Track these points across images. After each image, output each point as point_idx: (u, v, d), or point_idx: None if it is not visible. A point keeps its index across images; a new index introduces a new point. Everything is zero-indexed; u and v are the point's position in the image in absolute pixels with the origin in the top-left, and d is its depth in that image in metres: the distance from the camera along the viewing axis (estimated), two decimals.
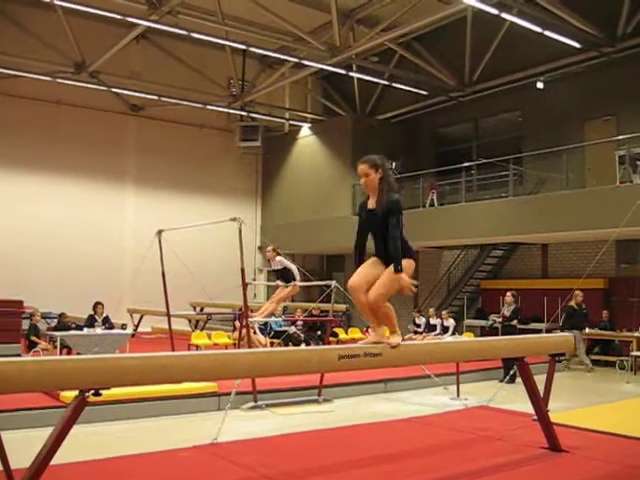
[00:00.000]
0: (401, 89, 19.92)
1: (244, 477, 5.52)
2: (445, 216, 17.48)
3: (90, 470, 5.60)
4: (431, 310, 16.05)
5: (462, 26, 18.38)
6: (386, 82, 19.92)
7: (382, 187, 5.13)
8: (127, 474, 5.55)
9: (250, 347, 9.35)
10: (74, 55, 17.94)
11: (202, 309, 19.58)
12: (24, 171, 19.36)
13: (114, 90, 19.77)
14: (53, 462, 3.82)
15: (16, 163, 19.18)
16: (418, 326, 16.10)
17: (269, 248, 10.87)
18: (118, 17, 15.47)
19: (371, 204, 5.22)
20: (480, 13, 15.91)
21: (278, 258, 10.73)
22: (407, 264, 5.05)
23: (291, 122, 23.20)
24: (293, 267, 10.85)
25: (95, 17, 16.50)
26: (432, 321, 15.63)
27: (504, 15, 14.64)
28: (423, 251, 20.25)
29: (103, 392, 3.92)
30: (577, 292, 13.84)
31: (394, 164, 19.63)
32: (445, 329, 15.06)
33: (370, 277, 5.09)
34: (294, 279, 10.76)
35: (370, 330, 5.11)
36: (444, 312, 15.66)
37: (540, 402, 6.34)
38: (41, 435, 3.78)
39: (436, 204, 18.24)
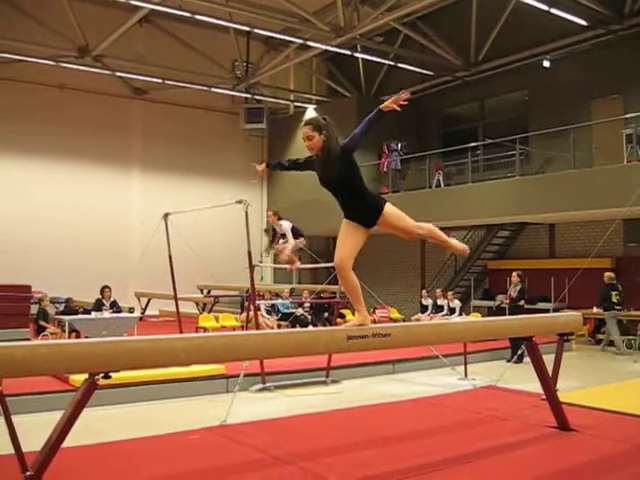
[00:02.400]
0: (406, 69, 19.81)
1: (254, 458, 5.54)
2: (451, 197, 17.41)
3: (100, 453, 5.64)
4: (438, 291, 16.04)
5: (467, 5, 18.25)
6: (391, 62, 19.81)
7: (328, 147, 4.93)
8: (137, 456, 5.58)
9: (258, 329, 9.37)
10: (77, 39, 17.88)
11: (209, 292, 19.65)
12: (29, 156, 19.36)
13: (118, 74, 19.72)
14: (64, 445, 3.84)
15: (21, 148, 19.18)
16: (425, 307, 16.11)
17: (269, 213, 10.79)
18: (121, 0, 15.40)
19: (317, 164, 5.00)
20: None
21: (281, 222, 10.56)
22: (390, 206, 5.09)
23: (296, 104, 23.13)
24: (296, 226, 10.70)
25: (98, 0, 16.41)
26: (439, 302, 15.63)
27: None
28: None
29: (112, 375, 3.93)
30: (607, 274, 13.87)
31: (400, 145, 19.61)
32: (452, 310, 15.07)
33: (355, 250, 5.03)
34: (301, 235, 10.65)
35: (356, 313, 4.99)
36: (450, 293, 15.65)
37: (548, 381, 6.34)
38: (52, 419, 3.80)
39: (442, 185, 18.18)
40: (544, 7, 14.92)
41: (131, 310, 13.63)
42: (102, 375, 3.76)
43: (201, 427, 6.54)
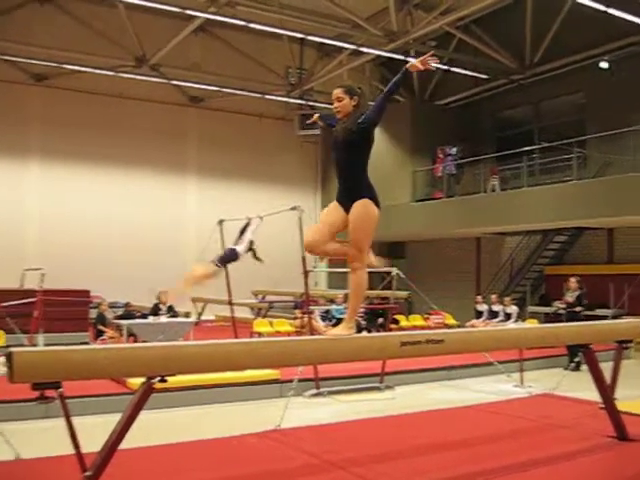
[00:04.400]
0: (460, 73, 19.67)
1: (308, 463, 5.57)
2: (507, 201, 17.20)
3: (156, 454, 5.74)
4: (493, 297, 15.85)
5: (522, 7, 18.03)
6: (445, 67, 19.69)
7: (355, 114, 4.69)
8: (192, 459, 5.66)
9: (312, 334, 9.41)
10: (135, 49, 18.27)
11: (264, 297, 19.78)
12: (89, 164, 19.86)
13: (174, 82, 20.06)
14: (121, 447, 3.93)
15: (81, 157, 19.68)
16: (480, 313, 15.93)
17: None
18: (177, 10, 15.68)
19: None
20: None
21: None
22: (373, 210, 4.66)
23: None
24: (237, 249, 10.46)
25: (154, 11, 16.74)
26: (494, 308, 15.43)
27: None
28: (485, 237, 20.04)
29: (168, 379, 4.00)
30: None
31: (454, 149, 19.49)
32: (508, 316, 14.86)
33: (326, 230, 4.70)
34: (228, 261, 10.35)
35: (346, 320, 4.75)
36: (506, 299, 15.44)
37: (607, 390, 6.22)
38: (110, 421, 3.89)
39: (497, 189, 17.98)
40: (601, 7, 14.63)
41: (187, 315, 13.85)
42: (158, 379, 3.83)
43: (255, 431, 6.60)
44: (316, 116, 5.33)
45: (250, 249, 10.03)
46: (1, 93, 18.60)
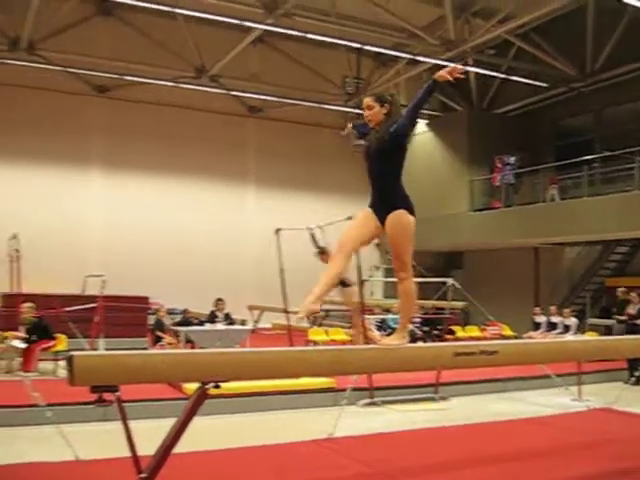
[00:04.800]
0: (519, 82, 19.45)
1: (361, 472, 5.58)
2: (566, 211, 16.92)
3: (210, 459, 5.82)
4: (552, 308, 15.59)
5: (582, 14, 17.75)
6: (503, 75, 19.50)
7: (387, 123, 4.57)
8: (245, 465, 5.73)
9: (367, 344, 9.40)
10: (195, 60, 18.60)
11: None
12: (149, 174, 20.30)
13: (233, 93, 20.34)
14: (175, 450, 4.00)
15: (141, 166, 20.12)
16: (538, 324, 15.68)
17: None
18: (236, 22, 15.92)
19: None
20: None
21: None
22: (410, 220, 4.53)
23: None
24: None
25: (213, 23, 17.02)
26: (553, 319, 15.18)
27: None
28: (543, 247, 19.72)
29: (224, 385, 4.06)
30: None
31: (512, 158, 19.26)
32: (566, 328, 14.60)
33: (357, 239, 4.62)
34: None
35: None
36: (566, 310, 15.17)
37: None
38: (165, 425, 3.97)
39: (557, 199, 17.70)
40: None
41: (243, 322, 13.99)
42: (213, 384, 3.90)
43: (308, 439, 6.63)
44: (349, 126, 5.21)
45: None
46: (65, 104, 19.13)
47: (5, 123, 18.32)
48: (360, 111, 18.00)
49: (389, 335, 14.43)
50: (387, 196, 4.57)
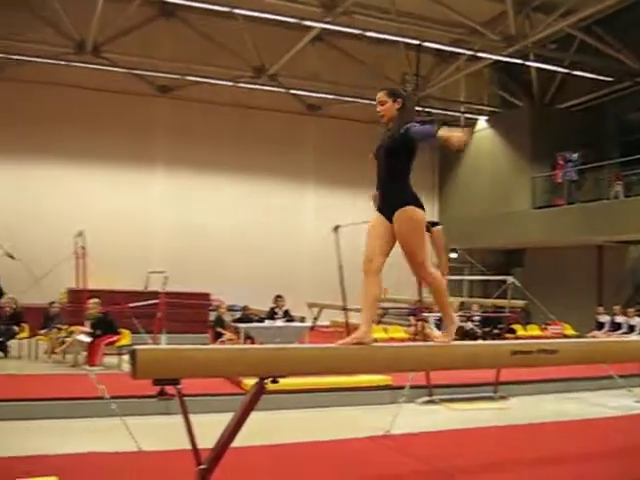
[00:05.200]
0: (582, 76, 19.05)
1: (418, 469, 5.59)
2: (632, 208, 16.50)
3: (266, 454, 5.92)
4: (616, 308, 15.26)
5: None
6: (566, 70, 19.14)
7: (400, 119, 4.49)
8: (301, 460, 5.80)
9: (426, 341, 9.38)
10: (254, 60, 18.80)
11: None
12: (210, 172, 20.60)
13: (292, 92, 20.48)
14: (234, 444, 4.09)
15: (203, 165, 20.42)
16: (601, 324, 15.38)
17: None
18: (294, 21, 16.03)
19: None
20: None
21: None
22: (419, 214, 4.35)
23: (467, 115, 22.89)
24: None
25: (272, 22, 17.17)
26: (617, 319, 14.86)
27: None
28: (607, 246, 19.28)
29: (282, 381, 4.12)
30: None
31: (575, 155, 18.89)
32: (631, 328, 14.28)
33: (381, 249, 4.42)
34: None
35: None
36: (630, 310, 14.84)
37: None
38: (223, 419, 4.05)
39: (621, 196, 17.29)
40: None
41: (302, 319, 14.09)
42: (270, 379, 3.96)
43: (365, 436, 6.66)
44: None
45: None
46: (130, 105, 19.56)
47: (71, 124, 18.81)
48: (419, 108, 17.82)
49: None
50: (394, 195, 4.43)
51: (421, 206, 4.39)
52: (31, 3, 17.58)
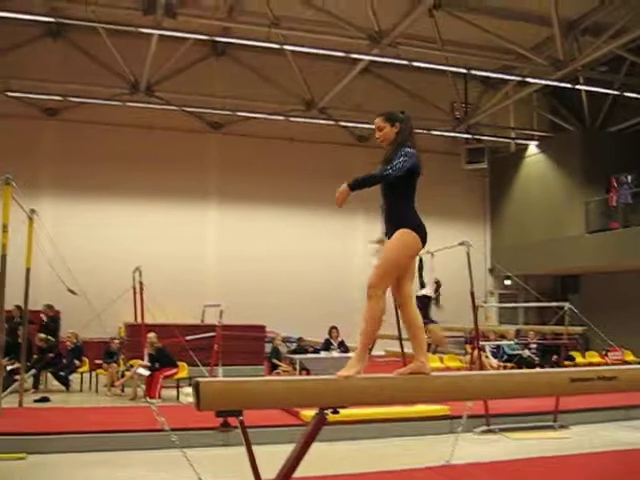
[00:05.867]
0: (634, 97, 18.82)
1: None
2: None
3: None
4: None
5: None
6: (616, 92, 18.94)
7: (395, 142, 4.57)
8: None
9: (482, 370, 9.32)
10: (304, 93, 19.09)
11: None
12: (261, 205, 20.84)
13: (342, 124, 20.69)
14: (295, 475, 4.14)
15: (254, 198, 20.67)
16: None
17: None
18: (342, 55, 16.27)
19: None
20: None
21: None
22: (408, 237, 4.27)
23: (517, 141, 22.78)
24: None
25: (320, 56, 17.43)
26: None
27: None
28: None
29: (341, 412, 4.17)
30: None
31: (630, 177, 18.61)
32: None
33: (387, 274, 4.29)
34: None
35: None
36: None
37: None
38: (280, 450, 4.12)
39: None
40: None
41: None
42: (331, 410, 4.02)
43: (425, 466, 6.64)
44: (371, 246, 4.98)
45: (437, 288, 10.14)
46: (184, 141, 19.99)
47: (127, 162, 19.30)
48: (469, 135, 17.90)
49: (506, 362, 14.19)
50: (393, 217, 4.45)
51: (416, 230, 4.32)
52: (87, 47, 18.28)
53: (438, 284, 9.91)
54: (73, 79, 18.04)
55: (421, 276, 10.42)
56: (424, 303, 10.05)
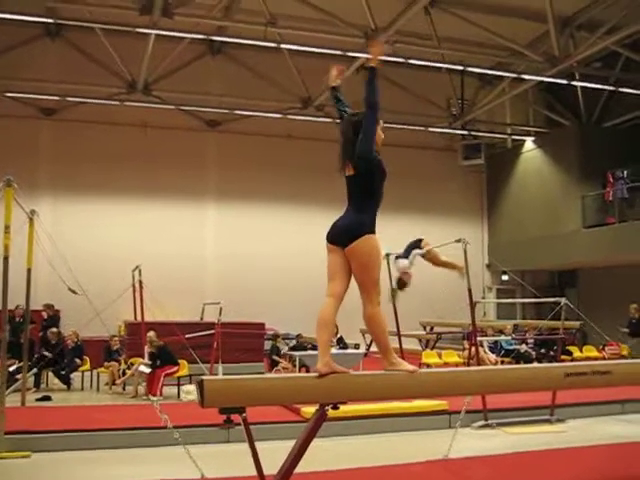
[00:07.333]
0: (629, 93, 18.90)
1: None
2: None
3: (328, 479, 6.03)
4: None
5: None
6: (612, 87, 19.03)
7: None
8: None
9: (480, 366, 9.41)
10: (300, 91, 19.15)
11: (432, 328, 19.79)
12: (260, 202, 20.90)
13: (338, 121, 20.69)
14: (296, 471, 4.23)
15: (252, 195, 20.75)
16: None
17: None
18: (338, 53, 16.32)
19: None
20: None
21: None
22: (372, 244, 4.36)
23: (514, 137, 22.87)
24: None
25: (317, 54, 17.48)
26: None
27: None
28: None
29: (340, 407, 4.26)
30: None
31: (626, 172, 18.71)
32: None
33: (340, 283, 4.58)
34: None
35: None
36: None
37: None
38: (280, 447, 4.20)
39: None
40: None
41: (356, 346, 14.16)
42: (331, 406, 4.11)
43: (423, 460, 6.73)
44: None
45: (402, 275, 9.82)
46: (182, 140, 20.05)
47: (124, 160, 19.36)
48: (465, 132, 18.00)
49: (503, 357, 14.26)
50: (350, 222, 4.64)
51: (372, 230, 4.52)
52: (85, 47, 18.34)
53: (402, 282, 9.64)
54: (71, 79, 18.09)
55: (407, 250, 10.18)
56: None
